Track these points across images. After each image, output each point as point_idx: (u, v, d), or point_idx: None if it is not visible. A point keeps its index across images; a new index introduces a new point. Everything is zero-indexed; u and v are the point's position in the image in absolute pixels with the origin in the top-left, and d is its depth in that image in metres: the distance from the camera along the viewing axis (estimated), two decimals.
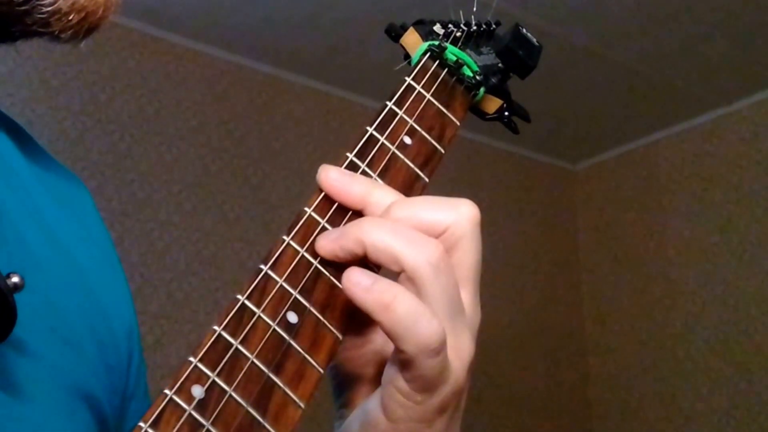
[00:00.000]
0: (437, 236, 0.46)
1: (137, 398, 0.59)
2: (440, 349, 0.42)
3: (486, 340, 0.57)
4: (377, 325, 0.43)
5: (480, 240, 0.47)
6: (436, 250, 0.43)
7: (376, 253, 0.43)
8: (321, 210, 0.48)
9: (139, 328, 0.62)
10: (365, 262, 0.45)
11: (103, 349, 0.53)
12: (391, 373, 0.43)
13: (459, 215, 0.46)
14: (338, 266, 0.46)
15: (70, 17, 0.52)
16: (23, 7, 0.51)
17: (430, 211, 0.46)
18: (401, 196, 0.48)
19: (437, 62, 0.58)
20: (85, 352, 0.51)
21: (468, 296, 0.46)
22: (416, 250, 0.43)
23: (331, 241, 0.46)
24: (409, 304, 0.42)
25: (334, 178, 0.48)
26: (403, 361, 0.42)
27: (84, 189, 0.64)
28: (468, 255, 0.46)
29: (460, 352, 0.44)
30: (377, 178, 0.50)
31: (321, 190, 0.48)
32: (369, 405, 0.46)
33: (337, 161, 0.50)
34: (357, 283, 0.43)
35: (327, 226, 0.47)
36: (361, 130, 0.52)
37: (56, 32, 0.52)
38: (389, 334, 0.42)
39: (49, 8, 0.51)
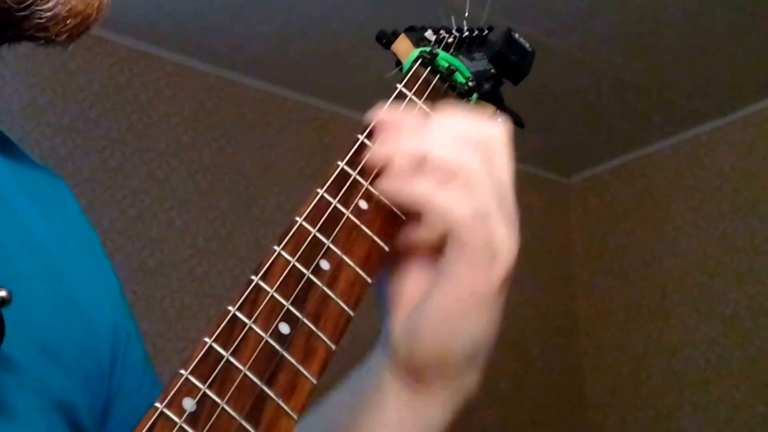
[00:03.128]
0: None
1: (131, 375, 0.59)
2: (487, 212, 0.49)
3: None
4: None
5: (509, 155, 0.53)
6: (482, 157, 0.51)
7: (436, 160, 0.50)
8: (312, 219, 0.47)
9: (131, 313, 0.62)
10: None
11: (83, 356, 0.52)
12: (450, 252, 0.50)
13: (489, 131, 0.52)
14: (331, 276, 0.46)
15: (68, 22, 0.52)
16: (22, 13, 0.51)
17: (463, 128, 0.52)
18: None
19: (429, 69, 0.58)
20: (66, 362, 0.50)
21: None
22: (469, 155, 0.50)
23: (398, 149, 0.51)
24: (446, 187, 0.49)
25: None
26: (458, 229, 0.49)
27: (63, 185, 0.64)
28: (501, 165, 0.52)
29: (515, 234, 0.52)
30: (369, 187, 0.50)
31: (311, 201, 0.48)
32: (433, 294, 0.51)
33: (327, 176, 0.50)
34: (396, 183, 0.50)
35: (318, 235, 0.47)
36: (353, 139, 0.52)
37: (52, 36, 0.53)
38: (439, 208, 0.49)
39: (48, 14, 0.51)
